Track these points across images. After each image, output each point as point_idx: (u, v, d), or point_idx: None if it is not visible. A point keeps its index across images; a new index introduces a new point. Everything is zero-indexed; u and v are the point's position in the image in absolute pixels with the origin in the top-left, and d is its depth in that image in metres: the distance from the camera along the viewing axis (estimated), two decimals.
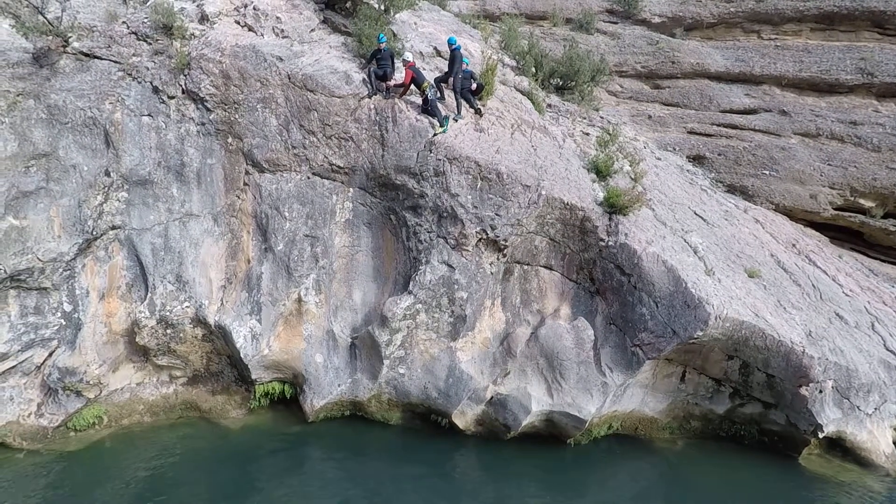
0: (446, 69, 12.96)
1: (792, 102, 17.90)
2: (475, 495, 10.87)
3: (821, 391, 11.77)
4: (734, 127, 18.01)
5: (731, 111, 18.33)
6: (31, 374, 11.71)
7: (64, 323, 11.84)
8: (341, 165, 12.39)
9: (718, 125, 18.15)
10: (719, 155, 17.60)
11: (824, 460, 12.43)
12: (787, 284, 13.20)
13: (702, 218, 14.04)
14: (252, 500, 10.34)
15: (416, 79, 12.24)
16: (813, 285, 13.55)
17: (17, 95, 11.37)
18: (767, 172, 17.05)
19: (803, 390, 11.72)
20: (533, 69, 15.94)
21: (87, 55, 12.04)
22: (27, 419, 11.61)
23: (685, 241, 12.75)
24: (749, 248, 13.80)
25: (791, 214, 16.92)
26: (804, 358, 11.46)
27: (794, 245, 14.98)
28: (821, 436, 11.94)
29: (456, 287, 12.02)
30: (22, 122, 11.35)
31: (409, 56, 12.49)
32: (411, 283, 12.16)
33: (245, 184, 12.54)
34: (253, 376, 12.53)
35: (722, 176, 17.46)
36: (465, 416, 12.36)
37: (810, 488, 11.50)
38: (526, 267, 12.59)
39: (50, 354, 11.78)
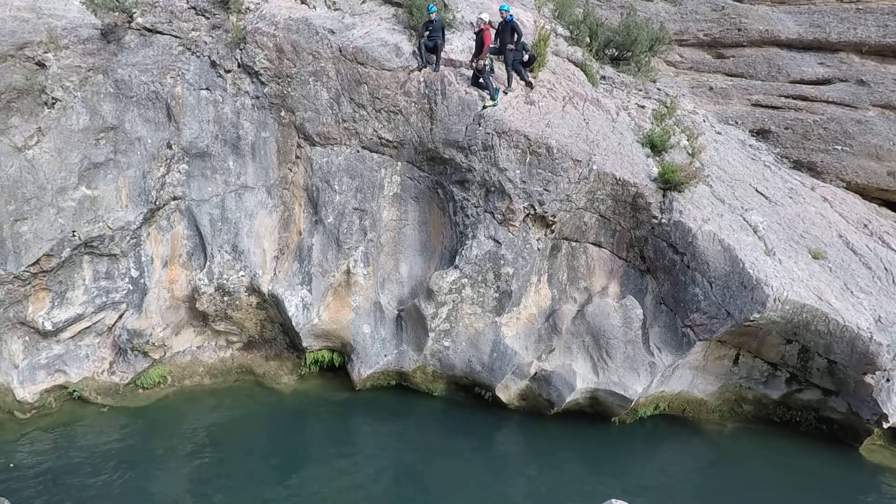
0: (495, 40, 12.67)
1: (872, 71, 16.49)
2: (518, 468, 11.01)
3: (888, 380, 11.17)
4: (804, 98, 16.79)
5: (802, 81, 17.07)
6: (103, 334, 12.59)
7: (132, 288, 12.62)
8: (390, 139, 12.45)
9: (787, 97, 16.96)
10: (786, 129, 16.53)
11: (888, 451, 11.84)
12: (855, 267, 12.44)
13: (764, 195, 13.35)
14: (303, 460, 10.88)
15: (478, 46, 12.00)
16: (885, 268, 12.69)
17: (88, 71, 11.96)
18: (839, 147, 15.92)
19: (868, 378, 11.16)
20: (587, 39, 15.34)
21: (149, 30, 12.49)
22: (101, 376, 12.54)
23: (744, 219, 12.20)
24: (815, 228, 13.05)
25: (864, 193, 15.77)
26: (871, 344, 10.86)
27: (865, 225, 14.03)
28: (885, 426, 11.38)
29: (502, 262, 11.98)
30: (92, 96, 11.95)
31: (485, 16, 12.13)
32: (457, 257, 12.21)
33: (297, 157, 12.82)
34: (304, 344, 13.00)
35: (788, 151, 16.42)
36: (508, 391, 12.44)
37: (871, 479, 11.02)
38: (574, 244, 12.38)
39: (120, 317, 12.61)
